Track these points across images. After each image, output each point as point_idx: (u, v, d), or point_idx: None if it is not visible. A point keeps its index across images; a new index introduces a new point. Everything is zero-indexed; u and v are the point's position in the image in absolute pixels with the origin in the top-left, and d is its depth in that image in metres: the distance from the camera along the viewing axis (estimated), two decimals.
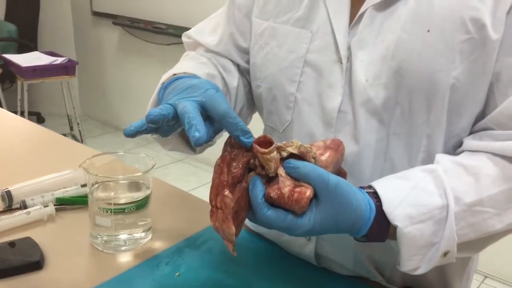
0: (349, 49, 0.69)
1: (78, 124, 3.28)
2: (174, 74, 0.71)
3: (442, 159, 0.66)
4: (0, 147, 1.15)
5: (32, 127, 1.34)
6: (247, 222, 0.61)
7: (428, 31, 0.64)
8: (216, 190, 0.56)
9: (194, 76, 0.70)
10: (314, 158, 0.57)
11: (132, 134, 0.59)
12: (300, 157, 0.57)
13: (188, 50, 0.91)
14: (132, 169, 0.82)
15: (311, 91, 0.73)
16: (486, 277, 2.26)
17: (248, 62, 0.84)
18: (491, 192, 0.63)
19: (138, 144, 3.52)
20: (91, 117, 4.09)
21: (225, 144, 0.59)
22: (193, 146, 0.58)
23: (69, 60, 3.05)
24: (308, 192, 0.55)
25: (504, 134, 0.65)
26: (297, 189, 0.55)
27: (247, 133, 0.57)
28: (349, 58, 0.69)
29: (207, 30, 0.88)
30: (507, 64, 0.64)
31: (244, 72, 0.86)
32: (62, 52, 3.27)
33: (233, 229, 0.55)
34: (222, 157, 0.57)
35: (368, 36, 0.68)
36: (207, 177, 3.14)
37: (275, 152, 0.55)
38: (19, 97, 3.14)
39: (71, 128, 3.37)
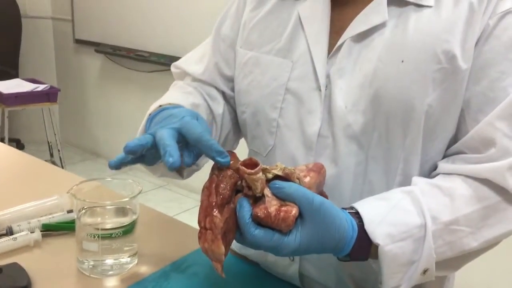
0: (328, 77, 0.73)
1: (59, 150, 3.27)
2: (160, 106, 0.74)
3: (419, 181, 0.70)
4: None
5: (14, 153, 1.35)
6: (232, 244, 0.64)
7: (403, 61, 0.68)
8: (205, 212, 0.58)
9: (177, 106, 0.73)
10: (298, 179, 0.61)
11: (116, 165, 0.63)
12: (284, 178, 0.60)
13: (177, 80, 0.95)
14: (118, 195, 0.84)
15: (292, 117, 0.77)
16: None
17: (232, 89, 0.87)
18: (465, 211, 0.67)
19: (119, 171, 3.51)
20: (71, 144, 4.07)
21: (212, 168, 0.61)
22: (169, 171, 0.61)
23: (51, 87, 3.06)
24: (294, 211, 0.58)
25: (475, 158, 0.69)
26: (283, 208, 0.58)
27: (222, 153, 0.60)
28: (328, 85, 0.73)
29: (193, 60, 0.92)
30: (475, 93, 0.69)
31: (229, 99, 0.89)
32: (44, 79, 3.27)
33: (223, 249, 0.57)
34: (210, 180, 0.60)
35: (347, 66, 0.72)
36: (188, 203, 3.14)
37: (260, 173, 0.58)
38: None
39: (51, 155, 3.35)
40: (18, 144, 3.82)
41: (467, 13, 0.67)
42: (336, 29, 0.74)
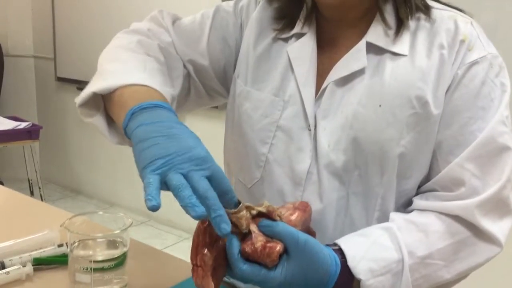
0: (314, 117, 0.78)
1: (39, 188, 3.25)
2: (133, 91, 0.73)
3: (396, 217, 0.75)
4: None
5: (0, 190, 1.36)
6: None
7: (380, 106, 0.74)
8: (196, 250, 0.62)
9: (165, 108, 0.68)
10: (279, 216, 0.65)
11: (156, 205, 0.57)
12: (267, 215, 0.65)
13: (148, 23, 0.91)
14: (107, 229, 0.87)
15: (281, 153, 0.81)
16: None
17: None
18: (439, 246, 0.72)
19: (99, 207, 3.50)
20: (51, 181, 4.04)
21: None
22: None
23: (33, 125, 3.07)
24: (278, 247, 0.62)
25: (447, 195, 0.75)
26: (269, 244, 0.62)
27: (227, 223, 0.58)
28: (315, 126, 0.78)
29: (184, 29, 0.90)
30: (446, 136, 0.75)
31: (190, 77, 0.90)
32: (25, 117, 3.28)
33: (212, 285, 0.61)
34: (201, 220, 0.64)
35: (330, 108, 0.77)
36: (170, 238, 3.14)
37: (244, 211, 0.62)
38: None
39: (32, 193, 3.33)
40: None
41: (438, 62, 0.73)
42: (320, 72, 0.79)
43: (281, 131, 0.81)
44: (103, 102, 0.80)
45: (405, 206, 0.80)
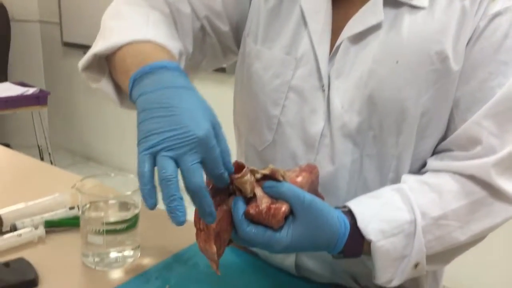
0: (328, 77, 0.75)
1: (49, 154, 3.27)
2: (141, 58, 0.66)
3: (408, 179, 0.73)
4: None
5: (8, 154, 1.36)
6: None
7: (397, 62, 0.71)
8: (199, 214, 0.61)
9: (170, 68, 0.64)
10: (282, 176, 0.63)
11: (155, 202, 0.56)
12: (271, 177, 0.63)
13: None
14: (118, 192, 0.86)
15: (294, 115, 0.78)
16: None
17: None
18: (453, 206, 0.70)
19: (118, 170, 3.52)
20: (61, 148, 4.06)
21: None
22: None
23: (41, 91, 3.06)
24: (284, 207, 0.60)
25: (462, 155, 0.72)
26: (274, 205, 0.60)
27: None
28: (328, 86, 0.75)
29: None
30: (464, 92, 0.72)
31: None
32: (32, 83, 3.27)
33: (214, 249, 0.60)
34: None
35: (344, 66, 0.74)
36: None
37: (248, 175, 0.61)
38: None
39: (42, 159, 3.35)
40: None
41: (459, 14, 0.70)
42: (334, 29, 0.76)
43: (294, 92, 0.78)
44: (107, 65, 0.77)
45: (421, 168, 0.78)
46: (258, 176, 0.62)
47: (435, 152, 0.77)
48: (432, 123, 0.74)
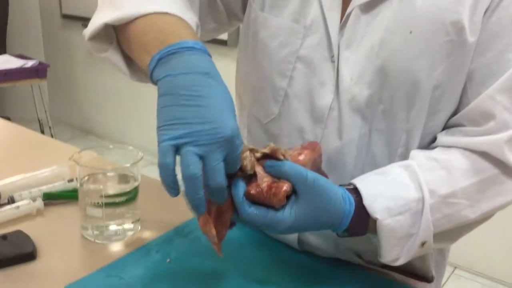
0: (338, 47, 0.71)
1: (50, 127, 3.25)
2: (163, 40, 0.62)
3: (417, 155, 0.70)
4: None
5: (7, 126, 1.34)
6: None
7: (411, 32, 0.67)
8: None
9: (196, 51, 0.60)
10: (283, 155, 0.61)
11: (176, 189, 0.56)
12: (272, 156, 0.61)
13: None
14: (118, 165, 0.84)
15: (302, 87, 0.75)
16: (455, 268, 2.35)
17: None
18: (463, 184, 0.67)
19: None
20: (61, 121, 4.04)
21: None
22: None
23: (40, 63, 3.02)
24: (285, 186, 0.59)
25: (474, 131, 0.69)
26: (275, 184, 0.59)
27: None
28: (338, 56, 0.72)
29: None
30: (479, 65, 0.69)
31: None
32: (31, 55, 3.23)
33: (214, 231, 0.59)
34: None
35: (354, 36, 0.71)
36: None
37: (247, 152, 0.59)
38: None
39: (42, 132, 3.33)
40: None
41: None
42: None
43: (302, 63, 0.75)
44: (115, 34, 0.73)
45: (431, 143, 0.75)
46: (258, 155, 0.61)
47: (446, 127, 0.74)
48: (445, 97, 0.71)
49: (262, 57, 0.77)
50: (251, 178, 0.60)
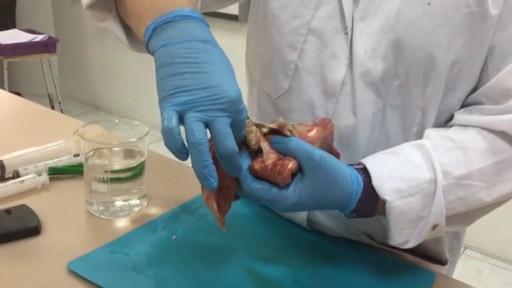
0: (352, 18, 0.68)
1: (60, 103, 3.25)
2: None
3: (431, 134, 0.67)
4: None
5: (16, 101, 1.33)
6: None
7: (429, 3, 0.64)
8: None
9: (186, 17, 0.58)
10: (290, 131, 0.59)
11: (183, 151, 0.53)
12: (279, 132, 0.59)
13: None
14: (124, 140, 0.83)
15: (313, 61, 0.72)
16: (466, 248, 2.34)
17: None
18: (479, 165, 0.64)
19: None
20: (71, 97, 4.03)
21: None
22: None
23: (50, 38, 3.00)
24: (291, 164, 0.56)
25: (493, 109, 0.66)
26: (280, 162, 0.57)
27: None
28: (351, 28, 0.69)
29: None
30: (501, 39, 0.65)
31: None
32: (41, 30, 3.21)
33: (215, 206, 0.58)
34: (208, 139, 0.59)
35: (370, 7, 0.67)
36: None
37: (253, 126, 0.57)
38: None
39: (53, 107, 3.33)
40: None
41: None
42: None
43: (313, 35, 0.72)
44: (114, 3, 0.70)
45: (447, 121, 0.72)
46: (265, 130, 0.59)
47: (464, 105, 0.71)
48: (463, 73, 0.67)
49: (272, 28, 0.74)
50: (257, 153, 0.58)
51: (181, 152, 0.52)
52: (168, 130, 0.51)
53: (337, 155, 0.65)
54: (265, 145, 0.58)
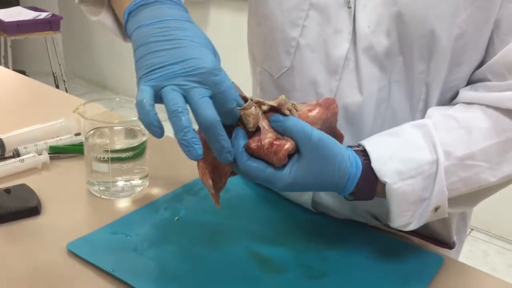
0: None
1: (64, 81, 3.23)
2: None
3: (434, 113, 0.65)
4: None
5: (20, 79, 1.31)
6: None
7: None
8: None
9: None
10: (289, 110, 0.57)
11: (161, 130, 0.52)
12: (279, 109, 0.57)
13: None
14: (125, 118, 0.81)
15: (315, 37, 0.70)
16: (472, 229, 2.32)
17: None
18: (483, 145, 0.62)
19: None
20: (76, 76, 4.02)
21: None
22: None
23: (53, 15, 2.97)
24: (288, 145, 0.55)
25: (499, 85, 0.64)
26: (277, 142, 0.55)
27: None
28: (354, 2, 0.66)
29: None
30: (508, 12, 0.62)
31: None
32: (45, 8, 3.17)
33: (210, 182, 0.56)
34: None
35: None
36: None
37: (253, 108, 0.55)
38: (2, 53, 3.07)
39: (57, 86, 3.31)
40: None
41: None
42: None
43: (315, 10, 0.69)
44: None
45: (452, 98, 0.70)
46: (265, 108, 0.57)
47: (469, 81, 0.68)
48: (469, 48, 0.65)
49: (272, 4, 0.72)
50: (257, 130, 0.56)
51: (154, 125, 0.50)
52: (140, 102, 0.50)
53: (340, 137, 0.63)
54: (264, 124, 0.56)
